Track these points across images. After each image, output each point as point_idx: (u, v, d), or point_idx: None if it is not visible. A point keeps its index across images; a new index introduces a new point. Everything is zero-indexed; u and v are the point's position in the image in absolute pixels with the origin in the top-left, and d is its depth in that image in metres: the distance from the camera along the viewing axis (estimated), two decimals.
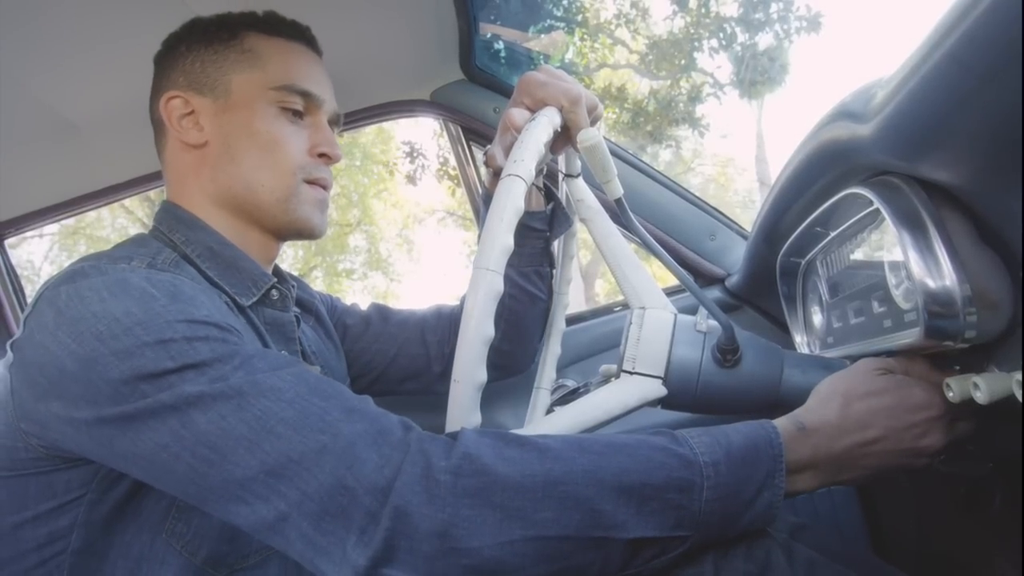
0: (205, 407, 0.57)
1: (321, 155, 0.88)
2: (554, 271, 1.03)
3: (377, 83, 1.36)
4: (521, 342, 1.07)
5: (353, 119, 1.41)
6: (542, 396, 0.95)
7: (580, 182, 0.90)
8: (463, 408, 0.57)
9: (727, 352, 0.74)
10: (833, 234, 0.82)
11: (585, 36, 8.83)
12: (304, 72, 0.89)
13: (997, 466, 0.91)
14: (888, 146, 0.57)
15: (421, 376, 1.13)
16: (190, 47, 0.87)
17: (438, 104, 1.39)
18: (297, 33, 0.91)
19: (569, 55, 8.72)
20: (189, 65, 0.86)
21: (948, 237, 0.58)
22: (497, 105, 1.36)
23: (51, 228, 11.07)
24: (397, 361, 1.12)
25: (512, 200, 0.58)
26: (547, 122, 0.69)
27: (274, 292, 0.86)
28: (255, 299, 0.82)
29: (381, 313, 1.15)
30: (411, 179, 10.69)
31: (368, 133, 12.12)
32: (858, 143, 0.61)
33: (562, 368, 1.31)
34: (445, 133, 1.49)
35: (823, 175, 0.75)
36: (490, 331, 0.57)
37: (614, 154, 1.35)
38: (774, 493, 0.60)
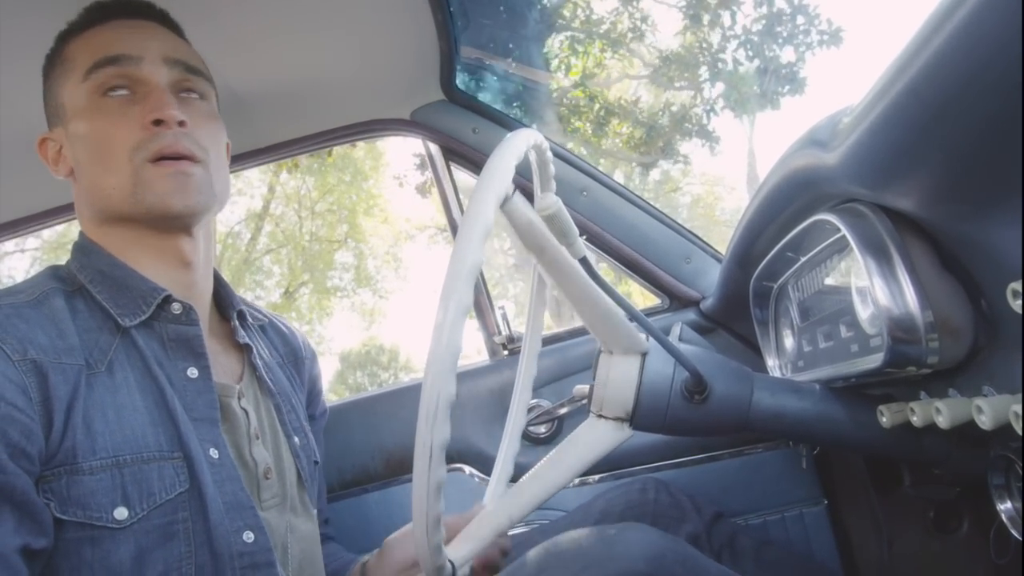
0: None
1: (156, 122, 0.79)
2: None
3: (357, 101, 1.37)
4: None
5: (333, 137, 1.42)
6: (517, 420, 0.94)
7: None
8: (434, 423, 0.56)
9: (695, 393, 0.75)
10: (803, 259, 0.83)
11: (606, 47, 8.95)
12: (110, 41, 0.82)
13: (964, 490, 0.92)
14: (852, 175, 0.58)
15: None
16: (45, 81, 0.87)
17: (418, 123, 1.39)
18: (107, 14, 0.84)
19: (558, 66, 8.81)
20: (46, 101, 0.87)
21: (912, 264, 0.59)
22: (477, 126, 1.37)
23: (33, 243, 10.93)
24: None
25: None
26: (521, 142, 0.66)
27: (175, 306, 0.82)
28: (146, 316, 0.80)
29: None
30: (421, 191, 10.61)
31: (360, 148, 12.14)
32: (825, 172, 0.62)
33: (537, 388, 1.31)
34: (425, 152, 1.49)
35: (793, 201, 0.77)
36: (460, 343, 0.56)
37: (591, 175, 1.36)
38: None
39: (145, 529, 0.71)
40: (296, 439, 0.95)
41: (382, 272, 13.72)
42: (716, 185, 13.74)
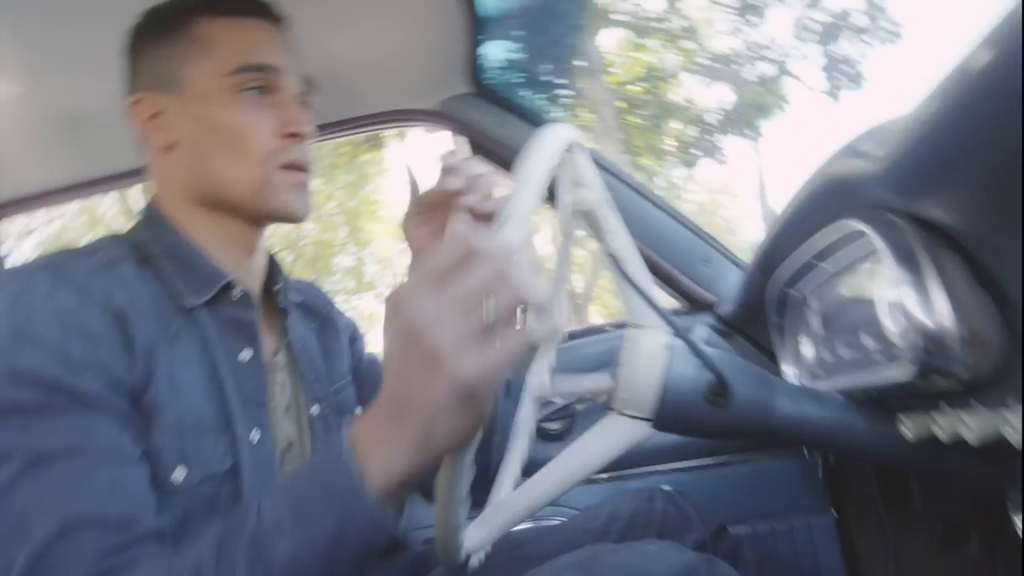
0: None
1: (291, 135, 0.84)
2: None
3: (384, 90, 1.37)
4: None
5: (360, 124, 1.42)
6: (528, 413, 0.93)
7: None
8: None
9: (717, 396, 0.75)
10: (827, 267, 0.83)
11: (667, 41, 8.94)
12: (258, 46, 0.85)
13: (974, 507, 0.92)
14: (895, 184, 0.58)
15: None
16: (147, 41, 0.86)
17: (445, 115, 1.40)
18: (250, 8, 0.86)
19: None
20: (148, 62, 0.85)
21: (944, 276, 0.59)
22: (504, 121, 1.37)
23: (31, 241, 10.87)
24: None
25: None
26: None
27: (235, 291, 0.84)
28: (207, 298, 0.81)
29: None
30: None
31: (363, 147, 12.06)
32: (865, 180, 0.62)
33: None
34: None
35: (825, 209, 0.77)
36: None
37: (614, 174, 1.36)
38: (363, 503, 0.54)
39: (195, 495, 0.72)
40: (316, 407, 0.94)
41: (383, 276, 13.67)
42: (719, 193, 13.77)
